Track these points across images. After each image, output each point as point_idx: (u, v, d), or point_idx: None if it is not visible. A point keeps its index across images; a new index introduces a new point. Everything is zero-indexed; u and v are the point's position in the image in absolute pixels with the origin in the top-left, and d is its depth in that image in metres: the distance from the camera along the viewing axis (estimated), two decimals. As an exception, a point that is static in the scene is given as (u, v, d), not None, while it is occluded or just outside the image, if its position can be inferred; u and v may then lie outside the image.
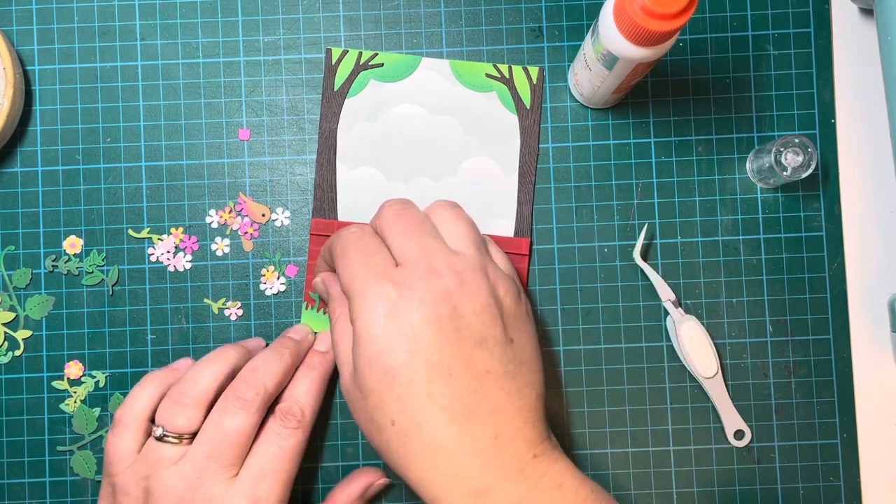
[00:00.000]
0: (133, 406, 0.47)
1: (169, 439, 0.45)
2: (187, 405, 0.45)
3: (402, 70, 0.53)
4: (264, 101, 0.53)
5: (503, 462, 0.40)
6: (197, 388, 0.46)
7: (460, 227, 0.45)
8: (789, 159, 0.49)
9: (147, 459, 0.45)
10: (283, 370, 0.47)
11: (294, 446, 0.46)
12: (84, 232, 0.52)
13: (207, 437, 0.45)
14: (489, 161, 0.53)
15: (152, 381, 0.48)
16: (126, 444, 0.46)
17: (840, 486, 0.52)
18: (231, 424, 0.45)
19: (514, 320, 0.43)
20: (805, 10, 0.53)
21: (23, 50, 0.53)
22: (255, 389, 0.46)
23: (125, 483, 0.45)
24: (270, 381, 0.46)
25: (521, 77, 0.53)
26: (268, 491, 0.45)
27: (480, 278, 0.42)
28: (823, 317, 0.53)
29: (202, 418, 0.45)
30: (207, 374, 0.46)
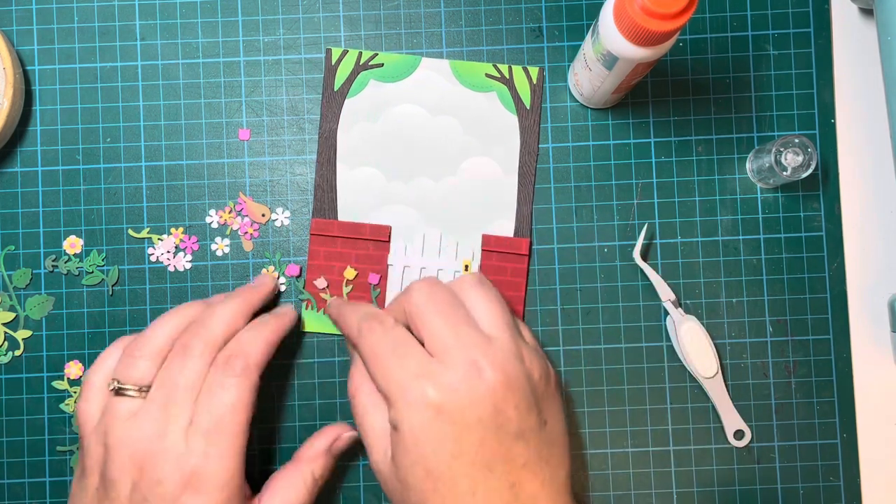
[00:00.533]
0: (99, 368, 0.46)
1: (127, 392, 0.44)
2: (142, 357, 0.45)
3: (402, 70, 0.53)
4: (264, 101, 0.53)
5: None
6: (151, 341, 0.46)
7: (493, 309, 0.45)
8: (789, 159, 0.49)
9: (107, 415, 0.45)
10: (231, 316, 0.47)
11: (239, 396, 0.44)
12: (84, 232, 0.52)
13: (159, 387, 0.44)
14: (489, 161, 0.53)
15: (120, 344, 0.47)
16: (92, 405, 0.46)
17: (840, 486, 0.52)
18: (180, 374, 0.44)
19: (546, 400, 0.44)
20: (805, 10, 0.53)
21: (23, 50, 0.53)
22: (201, 339, 0.45)
23: (89, 443, 0.45)
24: (218, 329, 0.46)
25: (521, 77, 0.53)
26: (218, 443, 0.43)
27: (518, 369, 0.43)
28: (823, 317, 0.53)
29: (156, 370, 0.45)
30: (163, 328, 0.46)
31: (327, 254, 0.52)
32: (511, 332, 0.44)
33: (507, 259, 0.52)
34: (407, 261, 0.52)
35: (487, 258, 0.52)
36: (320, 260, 0.52)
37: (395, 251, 0.52)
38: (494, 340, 0.43)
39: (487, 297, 0.45)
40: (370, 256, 0.52)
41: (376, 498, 0.52)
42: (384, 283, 0.52)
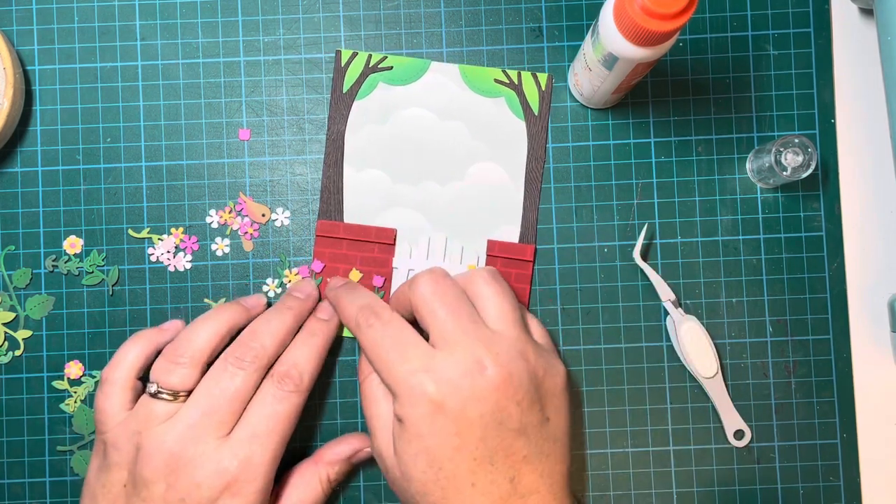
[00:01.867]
0: (120, 363, 0.47)
1: (163, 396, 0.45)
2: (182, 363, 0.45)
3: (411, 73, 0.53)
4: (264, 101, 0.53)
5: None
6: (192, 346, 0.46)
7: (501, 305, 0.45)
8: (789, 159, 0.49)
9: (139, 415, 0.45)
10: (283, 331, 0.47)
11: (289, 410, 0.46)
12: (84, 232, 0.52)
13: (203, 394, 0.45)
14: (496, 167, 0.53)
15: (140, 339, 0.48)
16: (115, 401, 0.46)
17: (840, 486, 0.52)
18: (228, 384, 0.45)
19: (551, 398, 0.44)
20: (805, 10, 0.53)
21: (23, 50, 0.53)
22: (253, 352, 0.46)
23: (116, 438, 0.45)
24: (270, 343, 0.47)
25: (529, 83, 0.53)
26: (260, 452, 0.45)
27: (522, 365, 0.43)
28: (823, 317, 0.53)
29: (197, 377, 0.46)
30: (203, 333, 0.47)
31: (332, 255, 0.52)
32: (518, 327, 0.45)
33: (511, 265, 0.52)
34: (412, 264, 0.52)
35: (492, 263, 0.52)
36: (325, 261, 0.52)
37: (400, 254, 0.52)
38: (499, 336, 0.44)
39: (497, 291, 0.46)
40: (375, 259, 0.52)
41: (376, 498, 0.52)
42: (388, 285, 0.52)
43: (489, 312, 0.45)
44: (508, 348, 0.43)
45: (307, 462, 0.49)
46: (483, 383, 0.42)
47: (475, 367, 0.42)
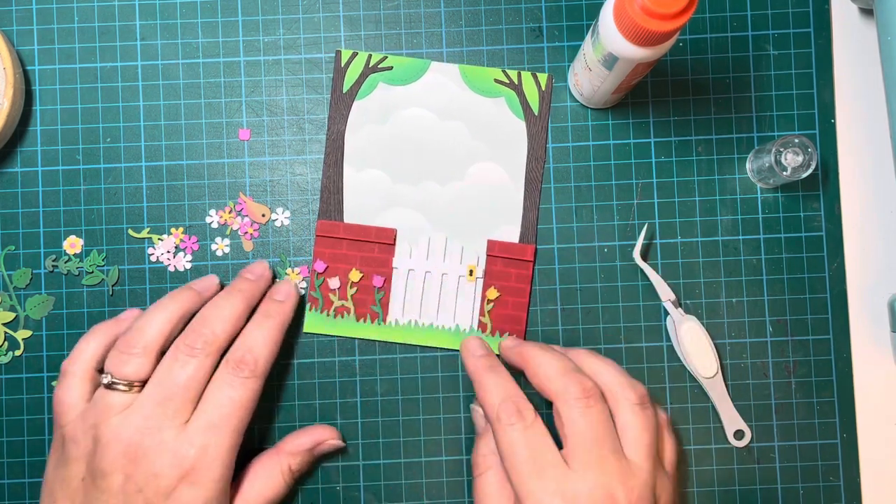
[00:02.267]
0: (79, 356, 0.47)
1: (118, 387, 0.45)
2: (135, 353, 0.45)
3: (412, 73, 0.53)
4: (264, 101, 0.53)
5: None
6: (145, 335, 0.46)
7: (642, 438, 0.45)
8: (789, 159, 0.49)
9: (96, 407, 0.45)
10: (234, 316, 0.47)
11: (246, 396, 0.45)
12: (84, 232, 0.52)
13: (157, 384, 0.45)
14: (496, 167, 0.53)
15: (98, 331, 0.48)
16: (73, 393, 0.46)
17: (840, 486, 0.52)
18: (180, 372, 0.45)
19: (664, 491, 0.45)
20: (805, 10, 0.53)
21: (23, 50, 0.53)
22: (204, 338, 0.45)
23: (74, 431, 0.45)
24: (221, 329, 0.46)
25: (529, 83, 0.53)
26: (218, 440, 0.44)
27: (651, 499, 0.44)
28: (823, 317, 0.53)
29: (152, 366, 0.45)
30: (155, 322, 0.46)
31: (332, 255, 0.52)
32: (652, 461, 0.45)
33: (511, 265, 0.52)
34: (412, 264, 0.52)
35: (492, 263, 0.52)
36: (325, 261, 0.52)
37: (400, 254, 0.52)
38: (635, 470, 0.44)
39: (643, 423, 0.45)
40: (375, 259, 0.52)
41: (376, 498, 0.52)
42: (388, 285, 0.52)
43: (628, 441, 0.45)
44: (642, 485, 0.43)
45: (269, 452, 0.49)
46: None
47: (608, 500, 0.42)
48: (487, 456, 0.47)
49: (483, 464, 0.47)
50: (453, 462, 0.52)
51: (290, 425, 0.52)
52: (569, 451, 0.44)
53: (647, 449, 0.45)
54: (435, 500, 0.52)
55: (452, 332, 0.52)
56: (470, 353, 0.49)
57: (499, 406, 0.45)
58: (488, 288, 0.52)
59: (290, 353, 0.52)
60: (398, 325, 0.52)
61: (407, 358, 0.52)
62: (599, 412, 0.44)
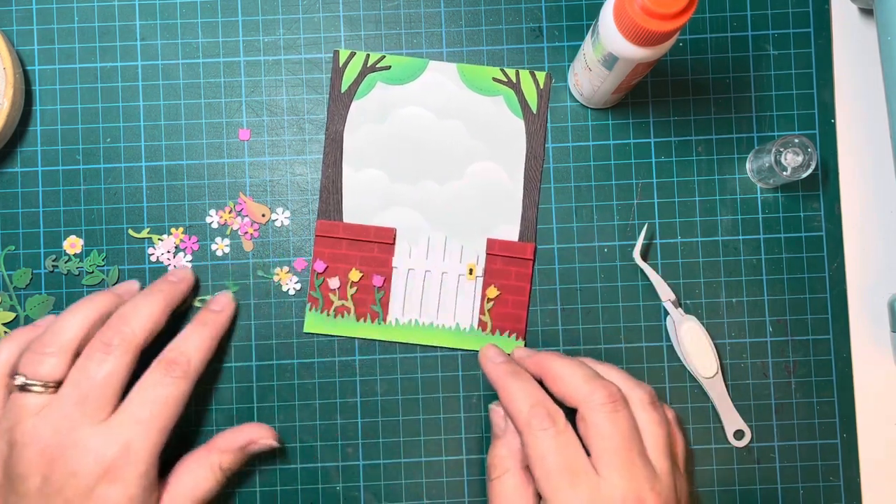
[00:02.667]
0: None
1: (33, 388, 0.44)
2: (51, 353, 0.44)
3: (410, 73, 0.53)
4: (264, 101, 0.53)
5: None
6: (60, 336, 0.45)
7: (659, 436, 0.45)
8: (789, 159, 0.49)
9: (11, 411, 0.44)
10: (153, 315, 0.46)
11: (175, 395, 0.45)
12: (84, 232, 0.52)
13: (74, 382, 0.44)
14: (495, 165, 0.53)
15: (14, 337, 0.47)
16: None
17: (840, 486, 0.52)
18: (97, 370, 0.44)
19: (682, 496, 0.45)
20: (805, 10, 0.53)
21: (23, 50, 0.53)
22: (121, 335, 0.45)
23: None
24: (139, 326, 0.46)
25: (528, 82, 0.53)
26: (142, 436, 0.44)
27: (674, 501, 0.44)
28: (823, 317, 0.53)
29: (67, 366, 0.44)
30: (72, 322, 0.45)
31: (332, 255, 0.52)
32: (670, 461, 0.45)
33: (511, 263, 0.52)
34: (411, 263, 0.52)
35: (492, 262, 0.52)
36: (325, 261, 0.52)
37: (399, 254, 0.52)
38: (659, 473, 0.44)
39: (657, 421, 0.46)
40: (375, 259, 0.52)
41: (376, 498, 0.52)
42: (388, 285, 0.52)
43: (648, 441, 0.45)
44: (667, 488, 0.44)
45: (200, 449, 0.48)
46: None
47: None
48: (506, 458, 0.47)
49: (501, 466, 0.47)
50: (453, 462, 0.52)
51: (290, 425, 0.52)
52: (596, 458, 0.43)
53: (665, 448, 0.45)
54: (435, 500, 0.52)
55: (452, 331, 0.52)
56: (489, 359, 0.48)
57: (529, 411, 0.44)
58: (488, 286, 0.52)
59: (290, 354, 0.52)
60: (398, 324, 0.52)
61: (407, 358, 0.52)
62: (626, 417, 0.44)
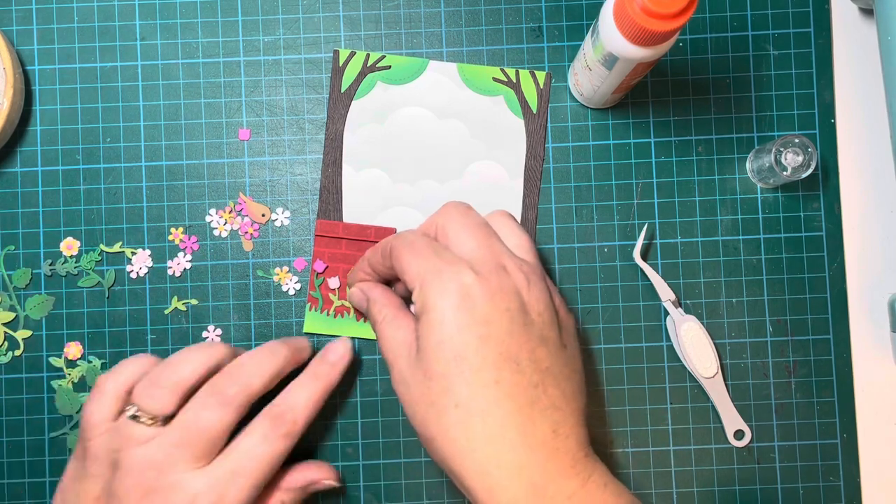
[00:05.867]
0: (117, 376, 0.46)
1: (141, 420, 0.44)
2: (164, 388, 0.45)
3: (410, 73, 0.53)
4: (264, 101, 0.53)
5: (560, 458, 0.41)
6: (177, 373, 0.45)
7: (521, 237, 0.46)
8: (789, 159, 0.49)
9: (120, 433, 0.44)
10: (271, 372, 0.46)
11: (276, 453, 0.45)
12: (84, 232, 0.52)
13: (181, 425, 0.44)
14: (495, 165, 0.53)
15: (142, 360, 0.47)
16: (102, 410, 0.45)
17: (840, 486, 0.52)
18: (207, 418, 0.44)
19: (565, 329, 0.45)
20: (805, 10, 0.53)
21: (23, 50, 0.53)
22: (238, 386, 0.45)
23: (97, 450, 0.45)
24: (257, 381, 0.46)
25: (528, 81, 0.53)
26: (238, 489, 0.44)
27: (542, 282, 0.44)
28: (823, 317, 0.53)
29: (177, 404, 0.45)
30: (190, 362, 0.46)
31: (332, 255, 0.52)
32: (537, 259, 0.46)
33: None
34: (409, 261, 0.52)
35: (488, 258, 0.52)
36: (325, 261, 0.52)
37: (396, 252, 0.52)
38: (522, 258, 0.45)
39: (518, 227, 0.46)
40: (373, 258, 0.52)
41: (376, 498, 0.52)
42: (385, 283, 0.52)
43: (510, 242, 0.45)
44: (530, 265, 0.44)
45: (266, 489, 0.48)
46: (508, 281, 0.42)
47: (500, 269, 0.43)
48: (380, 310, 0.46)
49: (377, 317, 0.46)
50: (453, 462, 0.52)
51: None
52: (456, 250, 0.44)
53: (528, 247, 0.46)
54: (435, 500, 0.52)
55: (452, 332, 0.52)
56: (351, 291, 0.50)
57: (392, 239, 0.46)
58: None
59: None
60: (398, 325, 0.52)
61: (407, 358, 0.52)
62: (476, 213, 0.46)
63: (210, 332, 0.52)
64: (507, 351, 0.41)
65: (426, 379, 0.42)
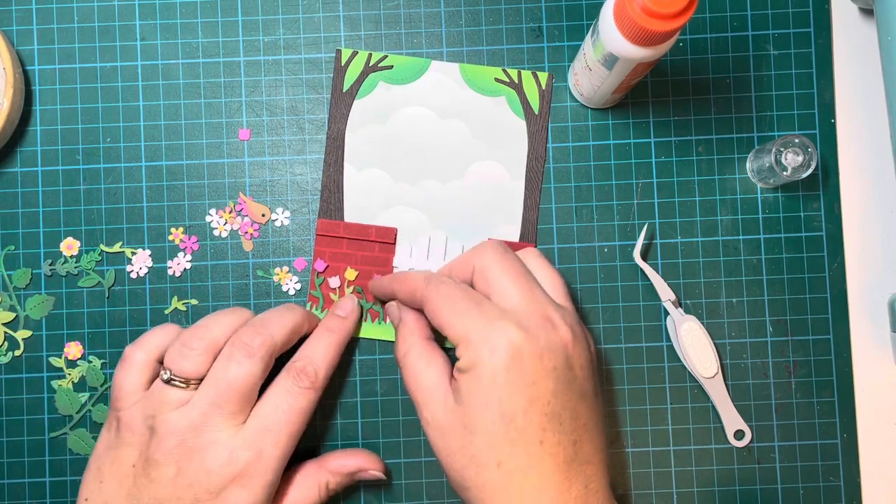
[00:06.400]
0: (145, 344, 0.47)
1: (176, 383, 0.45)
2: (196, 349, 0.45)
3: (412, 73, 0.53)
4: (264, 101, 0.53)
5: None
6: (208, 334, 0.46)
7: (556, 280, 0.46)
8: (789, 159, 0.49)
9: (153, 399, 0.45)
10: (292, 324, 0.47)
11: (304, 405, 0.46)
12: (84, 232, 0.52)
13: (212, 383, 0.45)
14: (496, 166, 0.53)
15: (167, 329, 0.48)
16: (133, 379, 0.46)
17: (840, 486, 0.52)
18: (236, 372, 0.45)
19: (598, 377, 0.46)
20: (805, 10, 0.53)
21: (23, 50, 0.53)
22: (261, 338, 0.46)
23: (131, 418, 0.45)
24: (279, 333, 0.47)
25: (529, 82, 0.53)
26: (272, 444, 0.45)
27: (583, 333, 0.45)
28: (823, 317, 0.53)
29: (209, 365, 0.45)
30: (220, 323, 0.47)
31: (332, 255, 0.52)
32: (572, 303, 0.46)
33: None
34: (412, 263, 0.52)
35: (490, 260, 0.52)
36: (326, 260, 0.52)
37: (400, 253, 0.52)
38: (562, 306, 0.45)
39: (550, 267, 0.47)
40: (376, 258, 0.52)
41: (376, 498, 0.52)
42: (386, 283, 0.52)
43: (545, 284, 0.46)
44: (571, 314, 0.45)
45: (312, 464, 0.49)
46: (555, 337, 0.43)
47: (547, 323, 0.43)
48: (406, 337, 0.47)
49: (403, 347, 0.47)
50: (453, 462, 0.52)
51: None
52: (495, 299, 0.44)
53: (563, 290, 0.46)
54: (435, 500, 0.52)
55: (452, 332, 0.52)
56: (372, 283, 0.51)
57: (426, 276, 0.46)
58: (488, 288, 0.52)
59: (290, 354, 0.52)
60: (398, 324, 0.52)
61: (407, 358, 0.52)
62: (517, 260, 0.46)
63: None
64: (553, 411, 0.42)
65: (467, 433, 0.42)
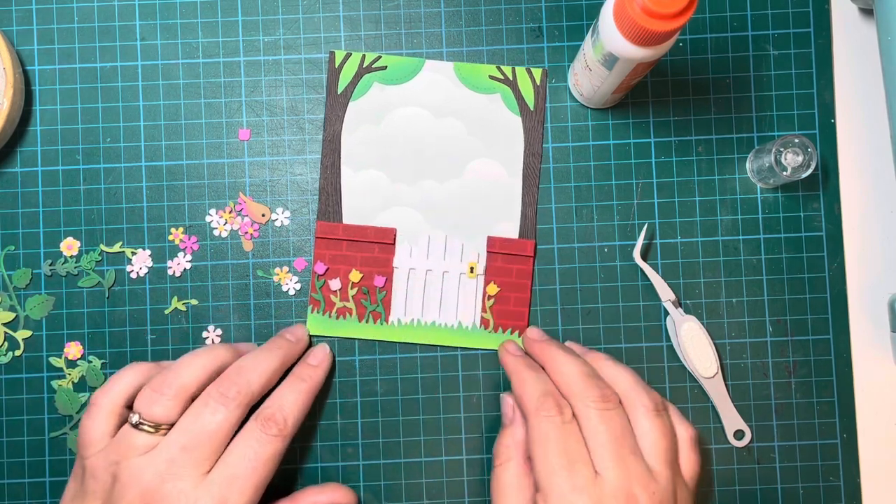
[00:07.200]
0: (111, 390, 0.46)
1: (144, 427, 0.44)
2: (167, 395, 0.45)
3: (406, 72, 0.53)
4: (264, 101, 0.53)
5: None
6: (179, 379, 0.45)
7: (660, 444, 0.45)
8: (789, 159, 0.49)
9: (120, 444, 0.44)
10: (270, 371, 0.47)
11: (271, 454, 0.45)
12: (84, 232, 0.52)
13: (184, 429, 0.44)
14: (493, 163, 0.53)
15: (136, 369, 0.47)
16: (99, 426, 0.45)
17: (840, 486, 0.52)
18: (210, 419, 0.44)
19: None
20: (805, 10, 0.53)
21: (23, 50, 0.53)
22: (237, 387, 0.45)
23: (94, 466, 0.44)
24: (256, 382, 0.46)
25: (524, 78, 0.53)
26: (238, 493, 0.44)
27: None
28: (823, 317, 0.53)
29: (180, 410, 0.45)
30: (192, 367, 0.46)
31: (332, 257, 0.52)
32: (672, 469, 0.45)
33: (512, 261, 0.52)
34: (412, 263, 0.52)
35: (493, 260, 0.52)
36: (326, 263, 0.52)
37: (400, 254, 0.52)
38: (655, 475, 0.44)
39: (659, 428, 0.45)
40: (376, 259, 0.52)
41: (376, 498, 0.52)
42: (389, 285, 0.52)
43: (647, 448, 0.45)
44: (662, 490, 0.44)
45: (284, 501, 0.49)
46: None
47: (629, 501, 0.43)
48: (510, 447, 0.47)
49: (505, 454, 0.47)
50: (453, 462, 0.52)
51: (290, 425, 0.52)
52: (591, 452, 0.44)
53: (665, 454, 0.45)
54: (435, 500, 0.52)
55: (455, 329, 0.52)
56: (507, 351, 0.49)
57: (538, 398, 0.45)
58: (489, 284, 0.52)
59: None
60: (400, 324, 0.52)
61: (407, 358, 0.52)
62: (618, 416, 0.45)
63: (210, 333, 0.52)
64: None
65: None
